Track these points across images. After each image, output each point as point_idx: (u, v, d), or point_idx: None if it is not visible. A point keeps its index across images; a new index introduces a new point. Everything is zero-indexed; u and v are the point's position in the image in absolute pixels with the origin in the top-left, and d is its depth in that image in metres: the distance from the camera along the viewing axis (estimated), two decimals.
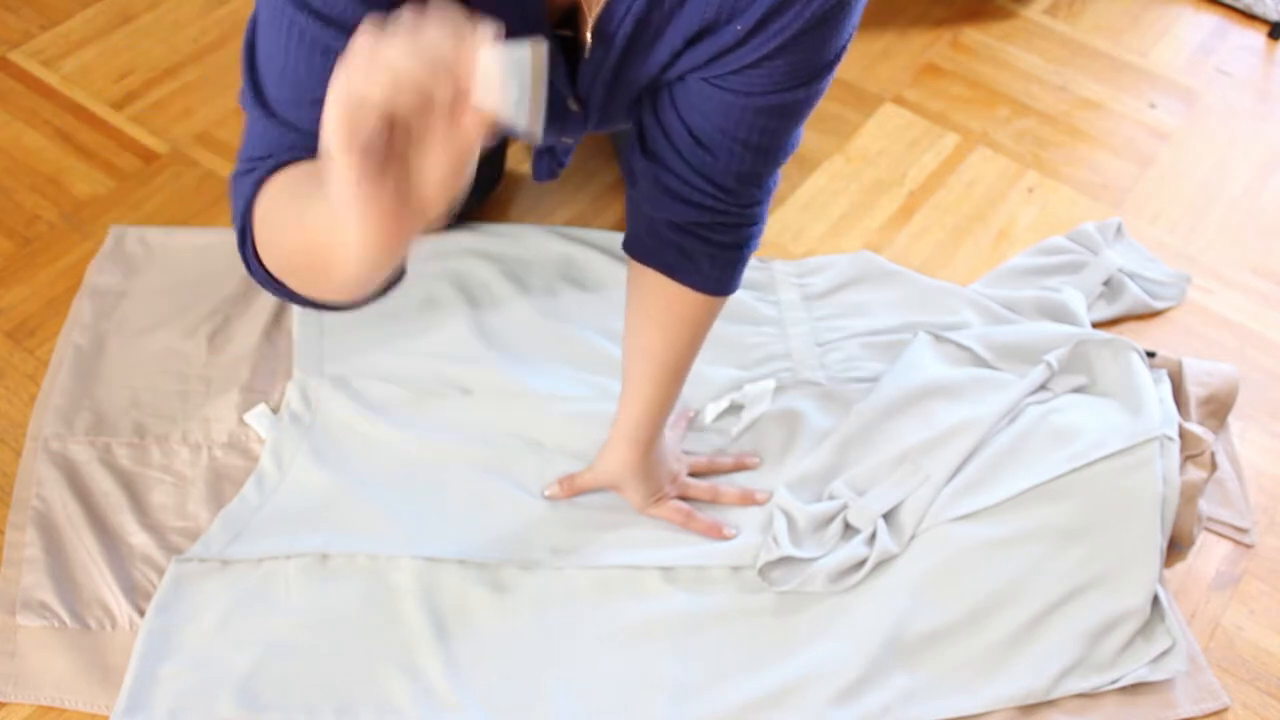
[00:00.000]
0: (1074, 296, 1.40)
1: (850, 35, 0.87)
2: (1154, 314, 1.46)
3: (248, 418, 1.26)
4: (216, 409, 1.27)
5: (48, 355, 1.32)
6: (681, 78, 0.90)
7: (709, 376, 1.32)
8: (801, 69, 0.87)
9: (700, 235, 1.01)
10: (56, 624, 1.11)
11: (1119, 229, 1.51)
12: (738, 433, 1.28)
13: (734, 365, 1.34)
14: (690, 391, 1.31)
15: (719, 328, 1.38)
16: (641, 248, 1.05)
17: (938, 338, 1.35)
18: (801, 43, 0.84)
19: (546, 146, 1.15)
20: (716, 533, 1.21)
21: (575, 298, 1.39)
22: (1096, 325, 1.41)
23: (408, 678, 1.09)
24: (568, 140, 1.10)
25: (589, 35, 0.84)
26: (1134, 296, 1.44)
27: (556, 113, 0.92)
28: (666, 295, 1.06)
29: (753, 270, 1.45)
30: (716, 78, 0.89)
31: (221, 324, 1.34)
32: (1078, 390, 1.29)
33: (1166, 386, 1.28)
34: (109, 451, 1.23)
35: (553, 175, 1.20)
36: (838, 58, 0.88)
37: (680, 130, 0.94)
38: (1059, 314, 1.39)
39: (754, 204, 1.00)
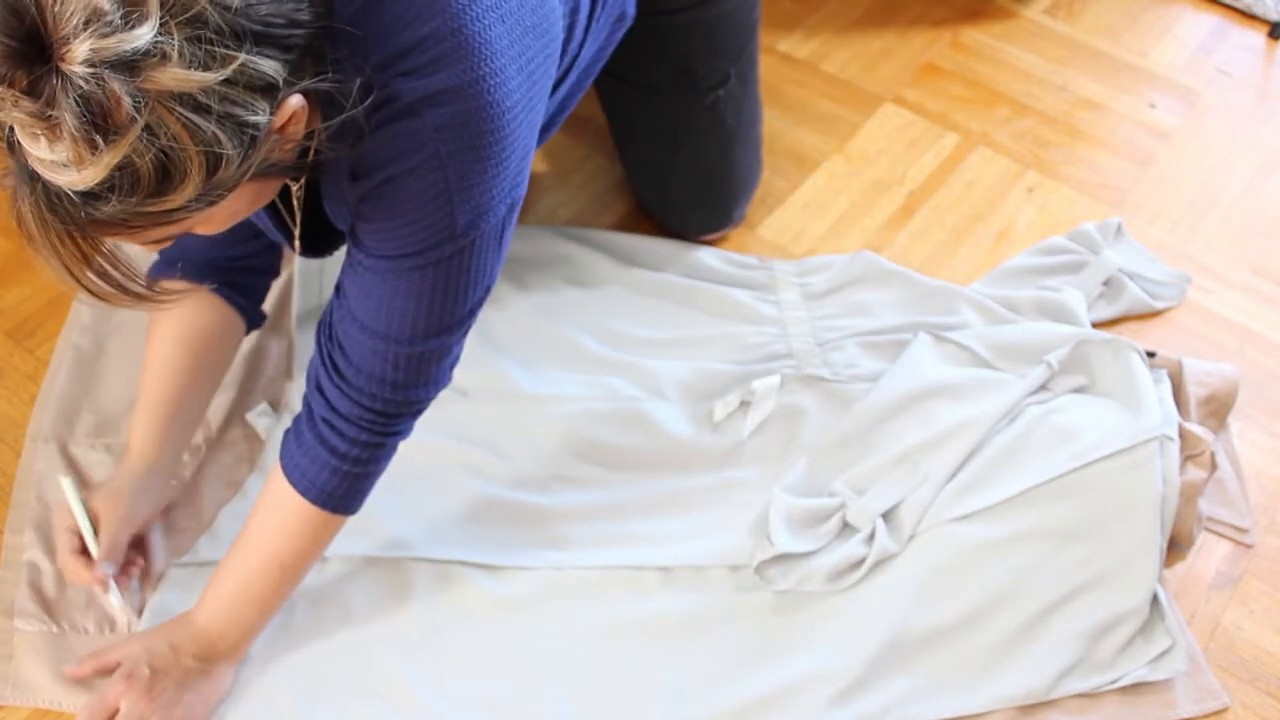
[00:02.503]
0: (1074, 296, 1.40)
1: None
2: (1154, 314, 1.46)
3: (248, 417, 1.26)
4: (216, 409, 1.27)
5: (48, 355, 1.32)
6: None
7: (715, 374, 1.32)
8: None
9: None
10: (55, 628, 1.11)
11: (1119, 229, 1.51)
12: (748, 433, 1.28)
13: (737, 364, 1.34)
14: (697, 390, 1.31)
15: (721, 327, 1.38)
16: None
17: (938, 338, 1.35)
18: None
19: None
20: None
21: (575, 298, 1.39)
22: (1096, 325, 1.41)
23: (407, 677, 1.09)
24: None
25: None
26: (1134, 296, 1.44)
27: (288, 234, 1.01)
28: None
29: (754, 270, 1.44)
30: None
31: None
32: (1078, 390, 1.29)
33: (1166, 386, 1.28)
34: (109, 452, 1.23)
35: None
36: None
37: None
38: (1059, 314, 1.39)
39: None
